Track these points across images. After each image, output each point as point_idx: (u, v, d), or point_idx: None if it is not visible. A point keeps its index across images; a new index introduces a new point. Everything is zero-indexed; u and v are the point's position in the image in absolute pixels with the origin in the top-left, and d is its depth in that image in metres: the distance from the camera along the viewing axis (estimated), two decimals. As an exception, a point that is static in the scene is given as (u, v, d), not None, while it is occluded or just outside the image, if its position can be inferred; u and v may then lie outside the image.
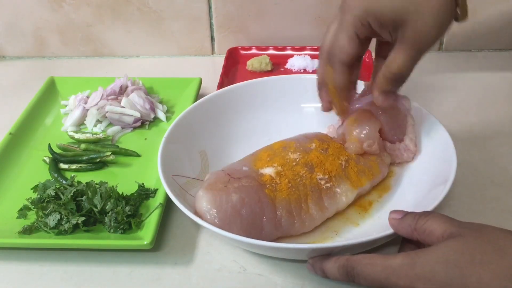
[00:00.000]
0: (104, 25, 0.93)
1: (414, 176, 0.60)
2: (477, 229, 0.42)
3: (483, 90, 0.82)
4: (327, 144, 0.60)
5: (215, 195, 0.53)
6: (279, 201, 0.54)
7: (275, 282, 0.53)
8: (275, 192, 0.55)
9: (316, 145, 0.59)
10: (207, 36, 0.94)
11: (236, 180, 0.54)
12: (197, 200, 0.53)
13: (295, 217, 0.54)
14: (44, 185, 0.61)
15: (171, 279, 0.54)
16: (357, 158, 0.59)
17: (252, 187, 0.54)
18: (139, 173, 0.66)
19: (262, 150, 0.60)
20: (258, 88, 0.71)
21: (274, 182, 0.55)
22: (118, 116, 0.74)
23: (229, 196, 0.53)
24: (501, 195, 0.62)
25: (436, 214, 0.45)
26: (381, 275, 0.43)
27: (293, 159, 0.57)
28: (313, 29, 0.92)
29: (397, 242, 0.52)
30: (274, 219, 0.54)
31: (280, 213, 0.54)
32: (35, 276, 0.55)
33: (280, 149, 0.59)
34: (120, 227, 0.57)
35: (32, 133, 0.74)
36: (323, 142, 0.60)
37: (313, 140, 0.60)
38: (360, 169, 0.59)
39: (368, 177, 0.59)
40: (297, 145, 0.59)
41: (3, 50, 0.97)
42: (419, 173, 0.60)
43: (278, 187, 0.55)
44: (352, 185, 0.57)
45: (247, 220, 0.52)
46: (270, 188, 0.55)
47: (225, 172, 0.55)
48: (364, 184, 0.58)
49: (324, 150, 0.59)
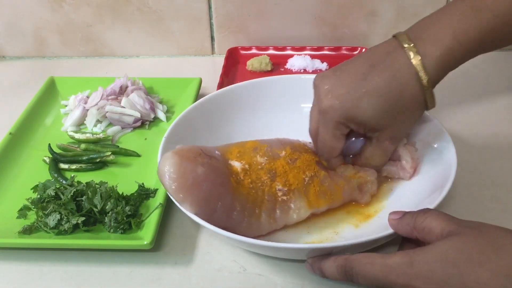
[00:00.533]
0: (104, 25, 0.93)
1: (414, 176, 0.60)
2: (476, 228, 0.42)
3: (483, 90, 0.82)
4: (298, 154, 0.58)
5: (181, 160, 0.51)
6: (239, 194, 0.53)
7: (275, 282, 0.53)
8: (238, 184, 0.54)
9: (286, 153, 0.58)
10: (207, 36, 0.94)
11: (207, 157, 0.53)
12: (162, 160, 0.52)
13: (245, 217, 0.53)
14: (44, 185, 0.61)
15: (171, 279, 0.54)
16: (324, 178, 0.57)
17: (220, 168, 0.53)
18: (139, 173, 0.66)
19: (234, 145, 0.59)
20: (258, 88, 0.71)
21: (239, 177, 0.55)
22: (118, 116, 0.74)
23: (196, 167, 0.51)
24: (501, 195, 0.62)
25: (435, 211, 0.46)
26: (380, 274, 0.44)
27: (259, 162, 0.56)
28: (313, 29, 0.92)
29: (397, 242, 0.52)
30: (229, 208, 0.52)
31: (236, 205, 0.53)
32: (35, 276, 0.55)
33: (250, 149, 0.58)
34: (120, 227, 0.57)
35: (32, 133, 0.74)
36: (294, 152, 0.58)
37: (286, 148, 0.59)
38: (322, 190, 0.56)
39: (327, 201, 0.57)
40: (267, 149, 0.58)
41: (3, 50, 0.97)
42: (419, 173, 0.60)
43: (241, 182, 0.54)
44: (308, 204, 0.56)
45: (204, 196, 0.51)
46: (235, 178, 0.54)
47: (199, 147, 0.54)
48: (320, 207, 0.56)
49: (292, 160, 0.57)
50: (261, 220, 0.54)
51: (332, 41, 0.93)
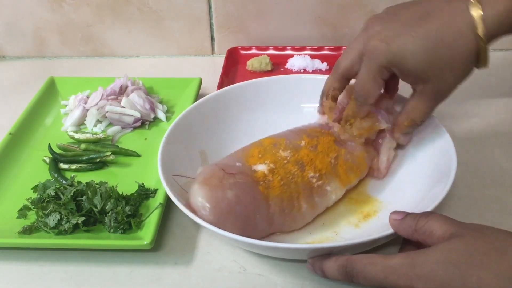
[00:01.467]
0: (104, 25, 0.93)
1: (414, 176, 0.60)
2: (478, 230, 0.42)
3: (483, 90, 0.82)
4: (316, 140, 0.59)
5: (211, 190, 0.52)
6: (272, 198, 0.54)
7: (275, 282, 0.53)
8: (268, 189, 0.54)
9: (305, 142, 0.59)
10: (207, 36, 0.94)
11: (231, 176, 0.54)
12: (192, 194, 0.53)
13: (286, 215, 0.54)
14: (44, 185, 0.61)
15: (171, 279, 0.54)
16: (346, 154, 0.59)
17: (247, 183, 0.54)
18: (139, 173, 0.66)
19: (253, 146, 0.59)
20: (258, 88, 0.71)
21: (267, 179, 0.55)
22: (118, 116, 0.74)
23: (224, 192, 0.52)
24: (501, 195, 0.62)
25: (437, 215, 0.45)
26: (381, 275, 0.43)
27: (284, 157, 0.57)
28: (313, 29, 0.92)
29: (398, 242, 0.52)
30: (267, 216, 0.54)
31: (273, 210, 0.54)
32: (35, 276, 0.55)
33: (270, 146, 0.58)
34: (120, 227, 0.57)
35: (32, 133, 0.74)
36: (312, 139, 0.59)
37: (302, 137, 0.59)
38: (349, 166, 0.59)
39: (356, 174, 0.59)
40: (287, 142, 0.58)
41: (3, 50, 0.97)
42: (419, 173, 0.60)
43: (271, 184, 0.55)
44: (341, 183, 0.58)
45: (242, 217, 0.52)
46: (263, 185, 0.54)
47: (219, 167, 0.55)
48: (352, 182, 0.59)
49: (314, 147, 0.58)
50: (302, 211, 0.55)
51: (332, 41, 0.93)
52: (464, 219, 0.45)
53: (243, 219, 0.52)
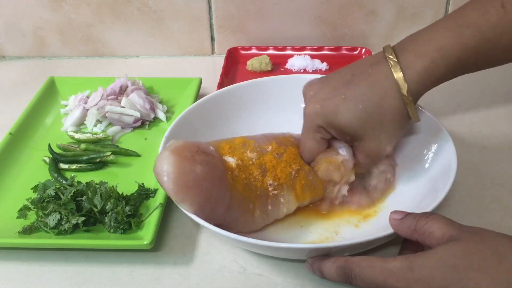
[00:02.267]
0: (104, 25, 0.93)
1: (414, 176, 0.60)
2: (477, 234, 0.42)
3: (483, 90, 0.82)
4: (284, 148, 0.58)
5: (180, 160, 0.50)
6: (235, 191, 0.53)
7: (275, 282, 0.53)
8: (234, 181, 0.54)
9: (272, 148, 0.58)
10: (207, 36, 0.94)
11: (204, 154, 0.53)
12: (158, 159, 0.51)
13: (240, 214, 0.53)
14: (44, 185, 0.61)
15: (171, 279, 0.54)
16: (309, 171, 0.58)
17: (218, 166, 0.53)
18: (139, 173, 0.66)
19: (224, 141, 0.58)
20: (258, 88, 0.71)
21: (234, 173, 0.54)
22: (118, 116, 0.74)
23: (194, 166, 0.50)
24: (501, 195, 0.62)
25: (437, 215, 0.45)
26: (379, 278, 0.44)
27: (249, 158, 0.56)
28: (313, 29, 0.92)
29: (397, 243, 0.53)
30: (226, 206, 0.52)
31: (233, 202, 0.53)
32: (35, 276, 0.55)
33: (240, 145, 0.58)
34: (120, 227, 0.57)
35: (32, 133, 0.74)
36: (280, 146, 0.59)
37: (271, 142, 0.59)
38: (307, 184, 0.57)
39: (311, 194, 0.57)
40: (255, 144, 0.58)
41: (3, 50, 0.97)
42: (419, 173, 0.60)
43: (237, 178, 0.54)
44: (296, 198, 0.56)
45: (204, 196, 0.51)
46: (231, 175, 0.54)
47: (194, 144, 0.53)
48: (305, 200, 0.57)
49: (280, 155, 0.58)
50: (255, 216, 0.54)
51: (332, 41, 0.93)
52: (464, 220, 0.45)
53: (205, 199, 0.51)
